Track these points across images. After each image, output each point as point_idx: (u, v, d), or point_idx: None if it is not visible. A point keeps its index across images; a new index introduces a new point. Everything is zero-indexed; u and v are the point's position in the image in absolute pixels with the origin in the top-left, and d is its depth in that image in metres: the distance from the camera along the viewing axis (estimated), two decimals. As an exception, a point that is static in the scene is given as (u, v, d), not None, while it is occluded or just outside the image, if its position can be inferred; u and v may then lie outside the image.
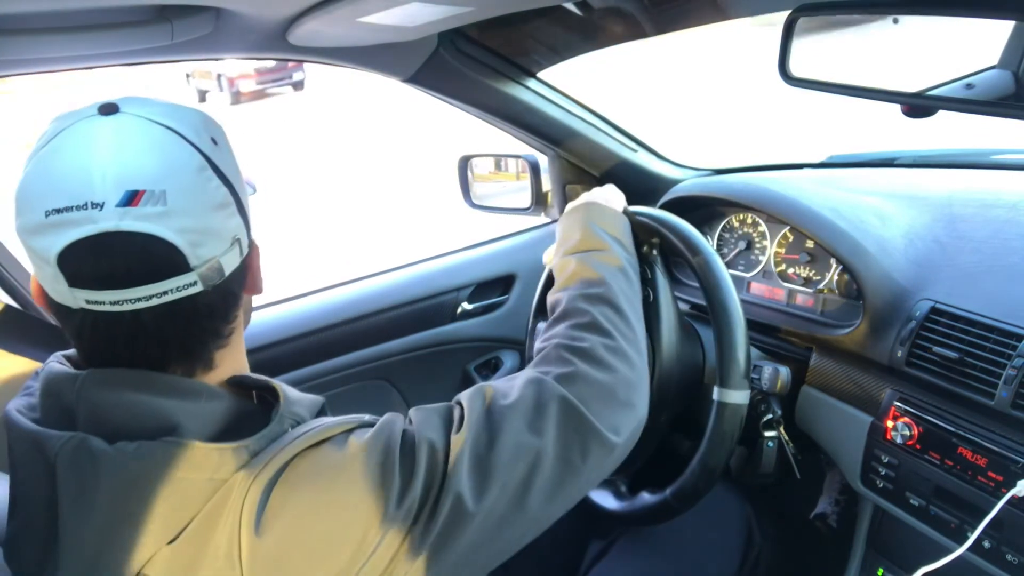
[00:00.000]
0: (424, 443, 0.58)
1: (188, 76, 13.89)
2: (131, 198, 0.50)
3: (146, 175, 0.51)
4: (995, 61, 0.74)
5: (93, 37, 0.84)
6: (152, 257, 0.52)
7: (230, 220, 0.57)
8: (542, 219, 1.66)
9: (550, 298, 0.84)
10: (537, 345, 0.77)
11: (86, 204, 0.50)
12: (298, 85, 13.79)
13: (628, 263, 0.85)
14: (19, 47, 0.82)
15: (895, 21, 0.79)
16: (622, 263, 0.84)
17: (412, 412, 0.63)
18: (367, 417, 0.62)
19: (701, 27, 1.26)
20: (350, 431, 0.59)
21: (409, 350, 1.54)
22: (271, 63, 12.49)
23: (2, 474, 0.70)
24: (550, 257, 1.02)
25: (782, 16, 0.81)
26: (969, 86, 0.74)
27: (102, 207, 0.50)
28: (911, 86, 0.76)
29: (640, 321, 0.81)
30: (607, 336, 0.74)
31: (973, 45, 0.74)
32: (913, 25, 0.78)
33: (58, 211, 0.50)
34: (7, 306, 0.96)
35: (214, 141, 0.58)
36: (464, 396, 0.66)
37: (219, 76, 13.08)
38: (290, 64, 12.69)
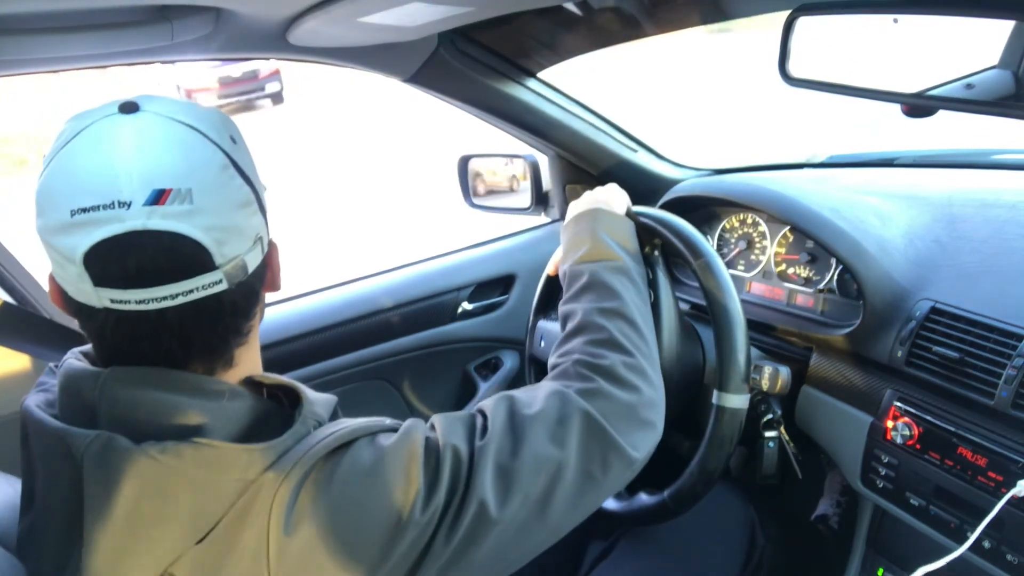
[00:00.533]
0: (448, 449, 0.59)
1: (158, 86, 11.82)
2: (158, 197, 0.50)
3: (172, 173, 0.51)
4: (995, 61, 0.74)
5: (93, 37, 0.84)
6: (179, 256, 0.52)
7: (253, 218, 0.57)
8: (542, 219, 1.66)
9: (562, 308, 0.84)
10: (552, 360, 0.77)
11: (113, 203, 0.50)
12: (276, 98, 11.83)
13: (638, 274, 0.85)
14: (19, 47, 0.82)
15: (895, 21, 0.79)
16: (633, 275, 0.84)
17: (435, 419, 0.64)
18: (388, 421, 0.63)
19: (701, 27, 1.26)
20: (374, 434, 0.59)
21: (409, 350, 1.54)
22: (237, 73, 11.05)
23: (2, 474, 0.70)
24: (553, 270, 1.02)
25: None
26: (969, 86, 0.74)
27: (129, 206, 0.50)
28: (911, 86, 0.76)
29: (652, 335, 0.81)
30: (626, 353, 0.74)
31: (973, 45, 0.74)
32: (913, 25, 0.78)
33: (84, 210, 0.50)
34: (5, 303, 0.96)
35: (233, 140, 0.58)
36: (487, 405, 0.67)
37: (177, 87, 11.14)
38: (260, 75, 11.29)
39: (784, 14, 0.82)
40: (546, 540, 0.63)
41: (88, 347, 0.61)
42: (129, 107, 0.54)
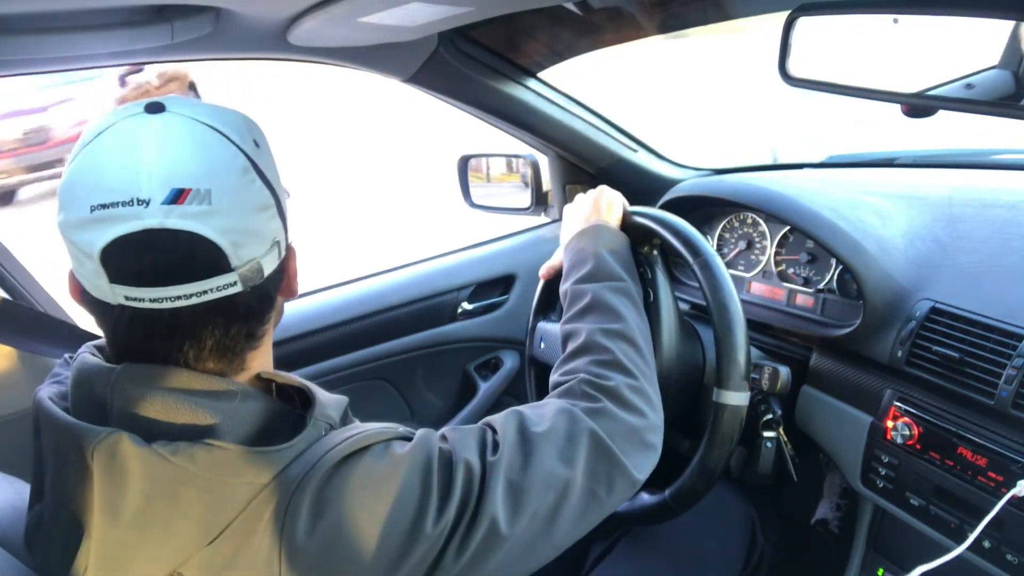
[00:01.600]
0: (461, 463, 0.59)
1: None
2: (177, 196, 0.51)
3: (192, 174, 0.51)
4: (995, 61, 0.74)
5: (93, 37, 0.84)
6: (195, 256, 0.52)
7: (271, 222, 0.57)
8: (542, 219, 1.66)
9: (564, 327, 0.84)
10: (555, 377, 0.78)
11: (132, 200, 0.50)
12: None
13: (638, 295, 0.87)
14: (19, 47, 0.82)
15: (895, 21, 0.79)
16: (635, 296, 0.85)
17: (447, 431, 0.64)
18: (401, 428, 0.63)
19: (700, 27, 1.26)
20: (388, 441, 0.59)
21: (409, 350, 1.54)
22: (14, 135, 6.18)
23: (2, 474, 0.70)
24: (546, 273, 1.03)
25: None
26: (969, 86, 0.74)
27: (148, 204, 0.50)
28: (911, 86, 0.76)
29: (653, 358, 0.82)
30: (630, 376, 0.75)
31: (973, 45, 0.74)
32: (913, 25, 0.78)
33: (104, 206, 0.50)
34: (5, 300, 0.96)
35: (256, 143, 0.58)
36: (496, 420, 0.67)
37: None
38: (51, 140, 6.32)
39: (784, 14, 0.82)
40: (549, 556, 0.64)
41: (102, 341, 0.61)
42: (155, 107, 0.54)
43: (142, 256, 0.51)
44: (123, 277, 0.51)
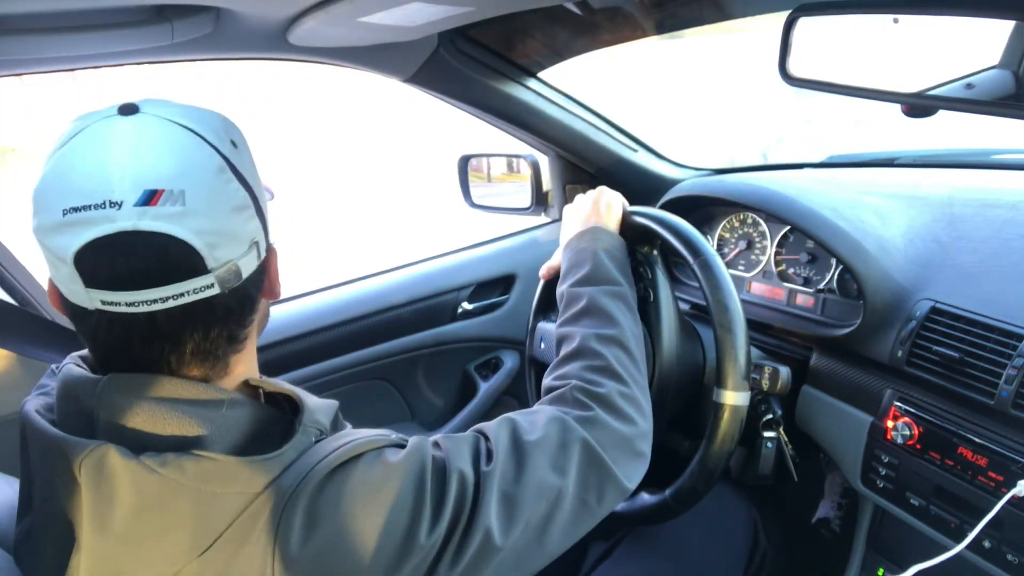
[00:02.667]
0: (455, 473, 0.59)
1: None
2: (149, 198, 0.50)
3: (165, 175, 0.51)
4: (995, 61, 0.74)
5: (93, 37, 0.84)
6: (169, 258, 0.51)
7: (248, 223, 0.56)
8: (542, 219, 1.67)
9: (559, 330, 0.84)
10: (548, 382, 0.78)
11: (104, 203, 0.49)
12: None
13: (634, 299, 0.87)
14: (19, 47, 0.82)
15: (895, 21, 0.79)
16: (630, 301, 0.85)
17: (439, 438, 0.64)
18: (393, 435, 0.62)
19: (701, 27, 1.26)
20: (381, 449, 0.59)
21: (409, 350, 1.55)
22: None
23: (2, 475, 0.70)
24: (546, 273, 1.03)
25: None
26: (969, 86, 0.74)
27: (120, 206, 0.49)
28: (911, 86, 0.76)
29: (645, 364, 0.82)
30: (622, 383, 0.75)
31: (973, 45, 0.74)
32: (913, 25, 0.78)
33: (76, 210, 0.49)
34: (5, 303, 0.96)
35: (234, 144, 0.57)
36: (488, 428, 0.67)
37: None
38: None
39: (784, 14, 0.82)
40: (540, 564, 0.64)
41: (87, 351, 0.60)
42: (128, 109, 0.54)
43: (116, 259, 0.50)
44: (98, 281, 0.50)
